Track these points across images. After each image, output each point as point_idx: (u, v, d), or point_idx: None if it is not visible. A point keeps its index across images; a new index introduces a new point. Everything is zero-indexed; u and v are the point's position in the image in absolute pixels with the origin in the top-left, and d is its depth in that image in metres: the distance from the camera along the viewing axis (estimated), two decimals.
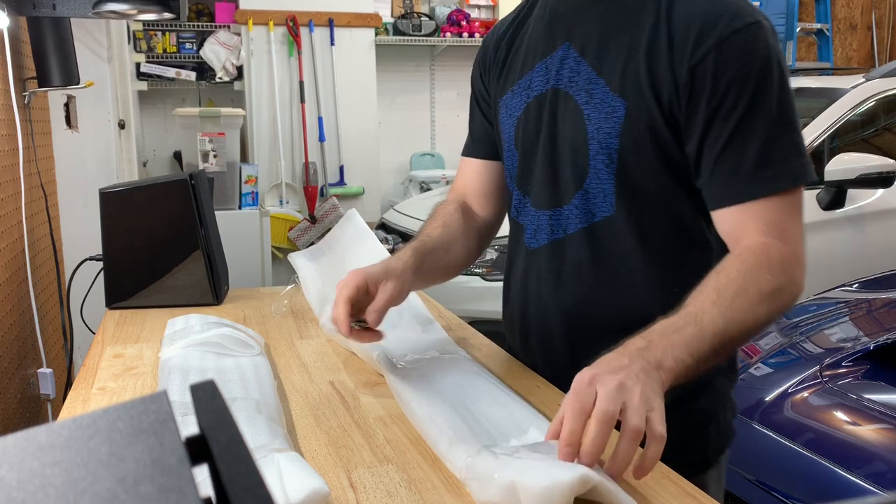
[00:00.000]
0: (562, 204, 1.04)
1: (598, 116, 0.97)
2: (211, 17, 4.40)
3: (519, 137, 1.09)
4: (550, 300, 1.06)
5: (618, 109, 0.96)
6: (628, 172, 0.97)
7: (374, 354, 1.07)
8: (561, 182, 1.03)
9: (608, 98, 0.97)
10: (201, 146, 3.32)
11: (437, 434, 0.84)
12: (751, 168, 0.90)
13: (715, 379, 1.04)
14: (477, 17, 5.06)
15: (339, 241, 1.52)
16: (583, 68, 1.00)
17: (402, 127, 5.16)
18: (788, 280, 0.88)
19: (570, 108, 1.01)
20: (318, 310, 1.35)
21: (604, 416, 0.72)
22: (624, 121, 0.95)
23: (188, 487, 0.29)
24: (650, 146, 0.95)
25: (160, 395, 0.35)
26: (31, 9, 1.97)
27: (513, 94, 1.10)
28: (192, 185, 1.46)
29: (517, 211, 1.12)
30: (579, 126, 0.99)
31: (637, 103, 0.95)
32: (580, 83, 1.00)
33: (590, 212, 1.01)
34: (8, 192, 1.90)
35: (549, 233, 1.06)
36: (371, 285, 0.98)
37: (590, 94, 0.98)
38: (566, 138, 1.01)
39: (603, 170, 0.99)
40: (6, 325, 1.82)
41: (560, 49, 1.03)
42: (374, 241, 1.48)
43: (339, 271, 1.44)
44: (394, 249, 3.15)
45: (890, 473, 1.41)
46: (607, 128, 0.97)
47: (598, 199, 1.00)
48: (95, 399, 1.02)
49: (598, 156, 0.98)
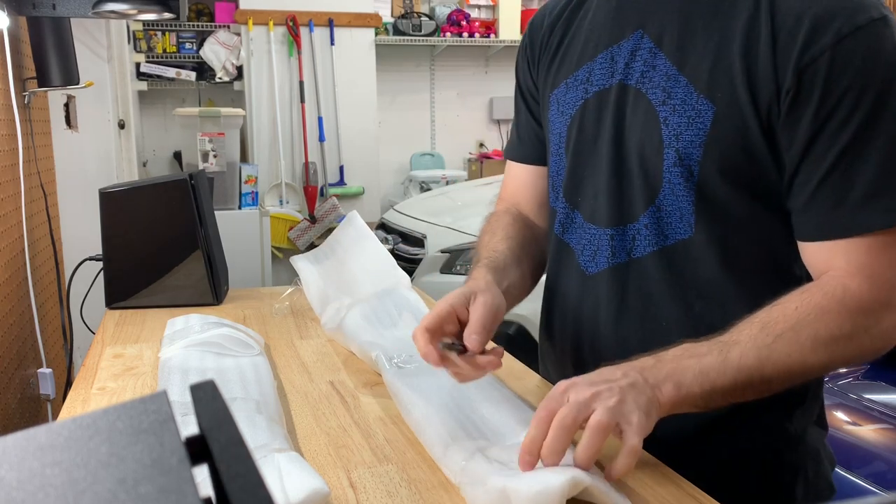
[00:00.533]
0: (626, 222, 0.89)
1: (678, 121, 0.83)
2: (211, 17, 4.41)
3: (571, 140, 0.94)
4: (611, 338, 0.92)
5: (703, 114, 0.81)
6: (712, 189, 0.83)
7: (373, 354, 1.07)
8: (627, 196, 0.89)
9: (691, 99, 0.82)
10: (201, 146, 3.32)
11: (433, 437, 0.84)
12: (859, 198, 0.76)
13: (807, 433, 0.91)
14: (477, 17, 5.06)
15: (340, 243, 1.52)
16: (660, 62, 0.85)
17: (402, 127, 5.16)
18: (864, 327, 0.76)
19: (643, 107, 0.86)
20: (319, 309, 1.36)
21: (561, 422, 0.69)
22: (710, 128, 0.81)
23: (188, 487, 0.29)
24: (741, 160, 0.81)
25: (160, 395, 0.35)
26: (31, 9, 1.97)
27: (567, 87, 0.95)
28: (192, 185, 1.46)
29: (562, 227, 0.97)
30: (653, 130, 0.85)
31: (728, 108, 0.80)
32: (656, 79, 0.85)
33: (662, 233, 0.86)
34: (8, 192, 1.90)
35: (609, 255, 0.91)
36: (459, 311, 0.85)
37: (668, 93, 0.84)
38: (634, 144, 0.87)
39: (681, 184, 0.84)
40: (6, 325, 1.82)
41: (631, 38, 0.88)
42: (375, 242, 1.48)
43: (340, 272, 1.44)
44: (394, 249, 3.15)
45: (890, 473, 1.41)
46: (689, 135, 0.82)
47: (674, 219, 0.85)
48: (95, 399, 1.02)
49: (675, 167, 0.83)
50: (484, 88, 5.33)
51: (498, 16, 5.01)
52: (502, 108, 5.34)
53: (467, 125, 5.36)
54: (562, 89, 0.96)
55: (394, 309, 1.26)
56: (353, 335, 1.17)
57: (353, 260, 1.46)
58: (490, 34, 4.98)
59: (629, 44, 0.88)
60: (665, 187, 0.85)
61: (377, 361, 1.05)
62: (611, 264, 0.90)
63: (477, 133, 5.40)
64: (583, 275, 0.94)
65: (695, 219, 0.84)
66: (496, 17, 5.03)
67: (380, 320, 1.22)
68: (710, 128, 0.81)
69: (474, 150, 5.36)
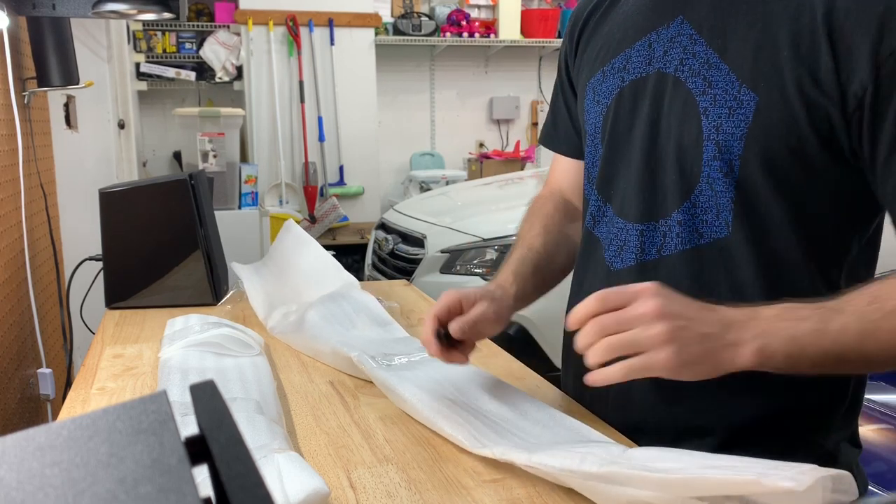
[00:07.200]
0: (658, 217, 0.84)
1: (719, 112, 0.78)
2: (211, 17, 4.41)
3: (606, 129, 0.90)
4: None
5: (745, 105, 0.76)
6: (753, 185, 0.78)
7: (353, 355, 1.06)
8: (660, 189, 0.84)
9: (733, 89, 0.77)
10: (201, 146, 3.33)
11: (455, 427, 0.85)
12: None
13: (840, 452, 0.86)
14: (477, 17, 5.06)
15: (279, 250, 1.55)
16: (699, 49, 0.80)
17: (402, 127, 5.17)
18: None
19: (681, 97, 0.81)
20: (264, 314, 1.35)
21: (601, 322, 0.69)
22: (752, 120, 0.76)
23: (188, 488, 0.29)
24: (785, 155, 0.76)
25: (160, 395, 0.35)
26: (31, 9, 1.97)
27: (604, 75, 0.91)
28: (192, 185, 1.46)
29: (594, 220, 0.94)
30: (692, 121, 0.80)
31: (772, 100, 0.75)
32: (695, 67, 0.80)
33: (696, 230, 0.82)
34: (7, 192, 1.90)
35: (637, 252, 0.86)
36: (465, 303, 0.89)
37: (708, 81, 0.79)
38: (672, 135, 0.82)
39: (719, 179, 0.79)
40: (6, 325, 1.82)
41: (672, 24, 0.83)
42: (316, 247, 1.50)
43: (283, 280, 1.46)
44: (394, 250, 3.15)
45: (890, 473, 1.41)
46: (729, 127, 0.77)
47: (710, 216, 0.81)
48: (95, 399, 1.01)
49: (714, 161, 0.79)
50: (484, 88, 5.33)
51: (498, 16, 5.01)
52: (502, 107, 5.35)
53: (467, 125, 5.36)
54: (598, 77, 0.92)
55: (352, 311, 1.26)
56: (321, 337, 1.16)
57: (294, 266, 1.47)
58: (490, 34, 4.98)
59: (669, 31, 0.83)
60: (703, 182, 0.80)
61: (360, 361, 1.04)
62: (638, 261, 0.86)
63: (477, 133, 5.40)
64: (607, 270, 0.91)
65: (732, 217, 0.79)
66: (496, 17, 5.04)
67: (339, 322, 1.22)
68: (752, 119, 0.76)
69: (474, 150, 5.36)
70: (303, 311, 1.28)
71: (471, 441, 0.82)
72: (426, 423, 0.90)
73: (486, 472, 0.80)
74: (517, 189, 3.54)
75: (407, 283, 1.70)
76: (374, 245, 3.37)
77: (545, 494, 0.75)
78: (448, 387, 0.95)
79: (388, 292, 1.57)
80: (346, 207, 4.60)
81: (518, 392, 0.95)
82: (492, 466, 0.80)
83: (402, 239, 3.16)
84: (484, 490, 0.76)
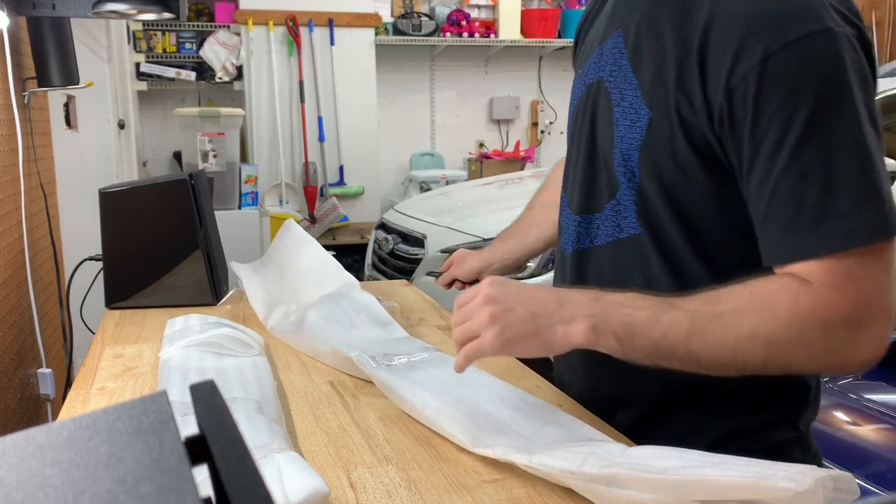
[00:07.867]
0: (594, 211, 0.93)
1: (625, 123, 0.84)
2: (211, 17, 4.41)
3: (572, 128, 1.00)
4: None
5: (642, 119, 0.82)
6: (649, 193, 0.84)
7: (353, 355, 1.06)
8: (596, 186, 0.92)
9: (636, 103, 0.83)
10: (201, 146, 3.33)
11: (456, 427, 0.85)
12: (806, 222, 0.71)
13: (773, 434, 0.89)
14: (477, 16, 5.06)
15: (278, 250, 1.53)
16: (623, 62, 0.86)
17: (402, 127, 5.17)
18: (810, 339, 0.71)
19: (607, 105, 0.88)
20: (264, 314, 1.35)
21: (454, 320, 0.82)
22: (646, 133, 0.82)
23: (188, 487, 0.29)
24: (671, 169, 0.81)
25: (160, 395, 0.35)
26: (31, 9, 1.97)
27: (577, 79, 1.00)
28: (192, 185, 1.46)
29: (560, 209, 1.03)
30: (609, 129, 0.87)
31: (661, 116, 0.80)
32: (618, 79, 0.86)
33: (618, 226, 0.89)
34: (8, 192, 1.90)
35: (575, 240, 0.96)
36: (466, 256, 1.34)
37: (622, 94, 0.85)
38: (601, 139, 0.90)
39: (625, 184, 0.86)
40: (6, 325, 1.82)
41: (613, 36, 0.89)
42: (316, 246, 1.49)
43: (283, 280, 1.45)
44: (394, 250, 3.15)
45: (890, 473, 1.41)
46: (630, 138, 0.84)
47: (628, 214, 0.87)
48: (95, 399, 1.01)
49: (620, 167, 0.86)
50: (484, 88, 5.33)
51: (498, 16, 5.01)
52: (502, 107, 5.34)
53: (467, 125, 5.36)
54: (576, 79, 1.01)
55: (352, 311, 1.26)
56: (321, 337, 1.16)
57: (294, 266, 1.47)
58: (490, 34, 4.98)
59: (610, 42, 0.90)
60: (621, 184, 0.87)
61: (360, 361, 1.04)
62: (575, 248, 0.96)
63: (477, 133, 5.40)
64: (562, 255, 1.01)
65: (636, 218, 0.86)
66: (496, 17, 5.04)
67: (339, 322, 1.22)
68: (645, 133, 0.82)
69: (474, 150, 5.36)
70: (303, 311, 1.28)
71: (471, 441, 0.82)
72: (426, 422, 0.90)
73: (486, 472, 0.80)
74: (517, 189, 3.54)
75: (407, 283, 1.70)
76: (374, 245, 3.37)
77: (545, 494, 0.75)
78: (448, 387, 0.95)
79: (388, 292, 1.57)
80: (346, 207, 4.60)
81: (518, 392, 0.95)
82: (492, 466, 0.80)
83: (402, 239, 3.17)
84: (484, 490, 0.76)
